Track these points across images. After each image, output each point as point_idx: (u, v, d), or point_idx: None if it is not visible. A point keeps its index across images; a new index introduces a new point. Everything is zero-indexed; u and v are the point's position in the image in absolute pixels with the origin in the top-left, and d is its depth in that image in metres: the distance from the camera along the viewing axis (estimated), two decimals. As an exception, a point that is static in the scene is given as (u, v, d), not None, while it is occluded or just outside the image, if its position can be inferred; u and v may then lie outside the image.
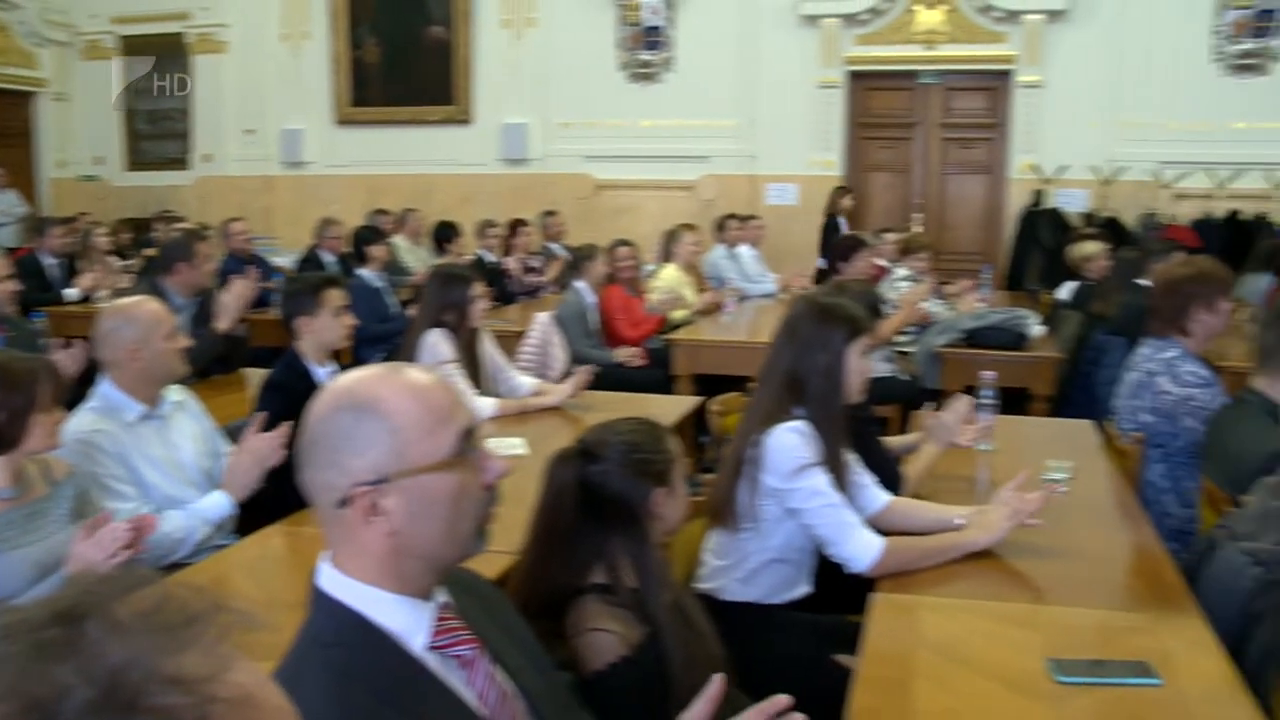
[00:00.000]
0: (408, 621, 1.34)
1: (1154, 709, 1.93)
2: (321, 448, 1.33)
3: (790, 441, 2.57)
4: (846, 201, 9.62)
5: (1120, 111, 9.55)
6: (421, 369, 1.42)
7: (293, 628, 1.35)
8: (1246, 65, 9.46)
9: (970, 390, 3.51)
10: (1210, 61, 9.53)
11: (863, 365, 2.69)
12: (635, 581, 2.00)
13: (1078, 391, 5.56)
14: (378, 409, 1.32)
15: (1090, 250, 6.77)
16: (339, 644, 1.31)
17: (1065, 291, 6.70)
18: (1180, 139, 9.46)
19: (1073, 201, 9.64)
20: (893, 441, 3.49)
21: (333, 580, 1.35)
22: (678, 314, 6.74)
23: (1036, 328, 5.65)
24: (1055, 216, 9.52)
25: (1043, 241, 9.29)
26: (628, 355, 6.12)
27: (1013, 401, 5.39)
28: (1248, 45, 9.43)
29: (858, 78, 10.14)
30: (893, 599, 2.36)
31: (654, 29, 10.45)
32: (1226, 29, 9.47)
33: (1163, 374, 3.61)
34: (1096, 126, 9.57)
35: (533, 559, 2.04)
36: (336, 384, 1.37)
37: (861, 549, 2.50)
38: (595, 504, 2.04)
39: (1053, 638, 2.17)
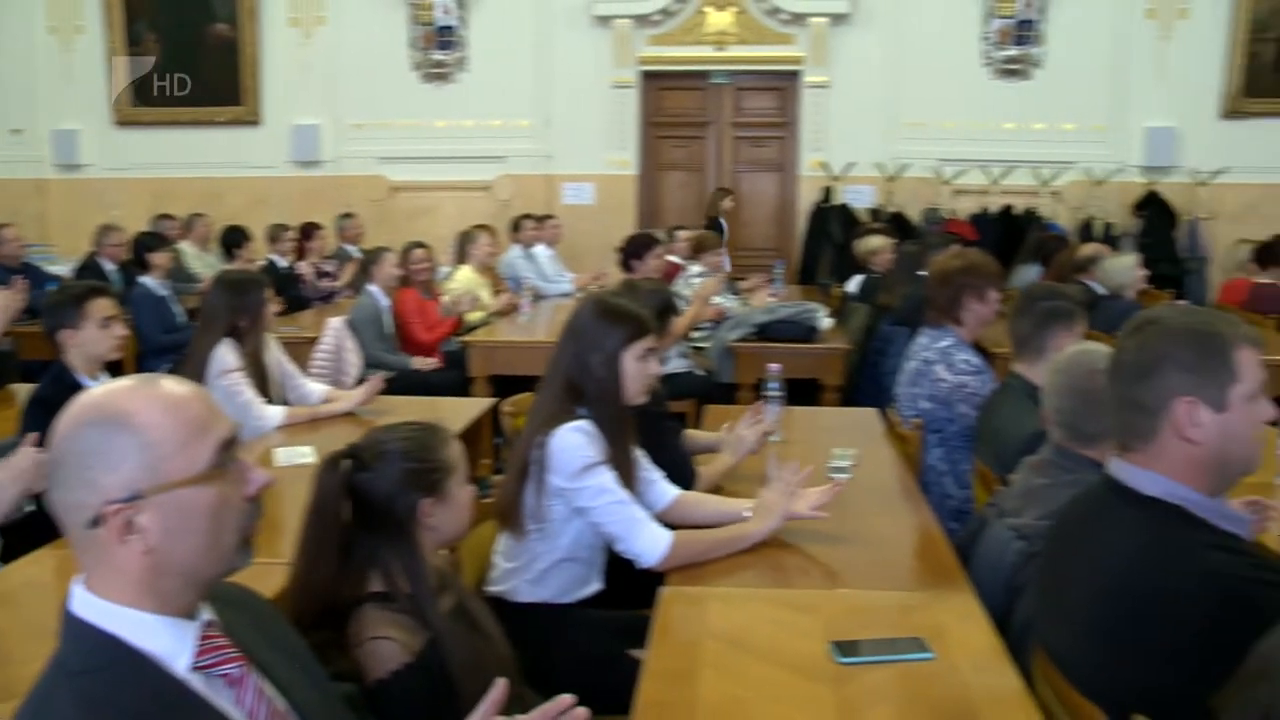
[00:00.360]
0: (169, 643, 1.29)
1: (928, 682, 2.01)
2: (69, 466, 1.27)
3: (574, 441, 2.57)
4: (727, 203, 9.78)
5: (902, 111, 9.98)
6: (176, 380, 1.36)
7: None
8: (1012, 70, 10.04)
9: (759, 384, 3.61)
10: (981, 66, 10.07)
11: (643, 366, 2.70)
12: (410, 589, 1.97)
13: (867, 381, 5.78)
14: (129, 423, 1.27)
15: (876, 244, 7.04)
16: (88, 671, 1.25)
17: (853, 285, 6.95)
18: (957, 138, 9.98)
19: (860, 197, 10.04)
20: (696, 436, 3.54)
21: (86, 604, 1.29)
22: (473, 316, 6.69)
23: (826, 320, 5.84)
24: (844, 212, 9.88)
25: (833, 236, 9.64)
26: (423, 363, 6.04)
27: (805, 392, 5.58)
28: (1012, 51, 10.01)
29: (651, 78, 10.27)
30: (681, 591, 2.40)
31: (447, 29, 10.33)
32: (993, 36, 10.02)
33: (938, 362, 3.79)
34: (880, 126, 9.97)
35: (302, 567, 1.98)
36: (84, 399, 1.31)
37: (650, 544, 2.53)
38: (363, 511, 2.00)
39: (836, 621, 2.24)
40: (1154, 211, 9.91)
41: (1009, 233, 9.55)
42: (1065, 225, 9.80)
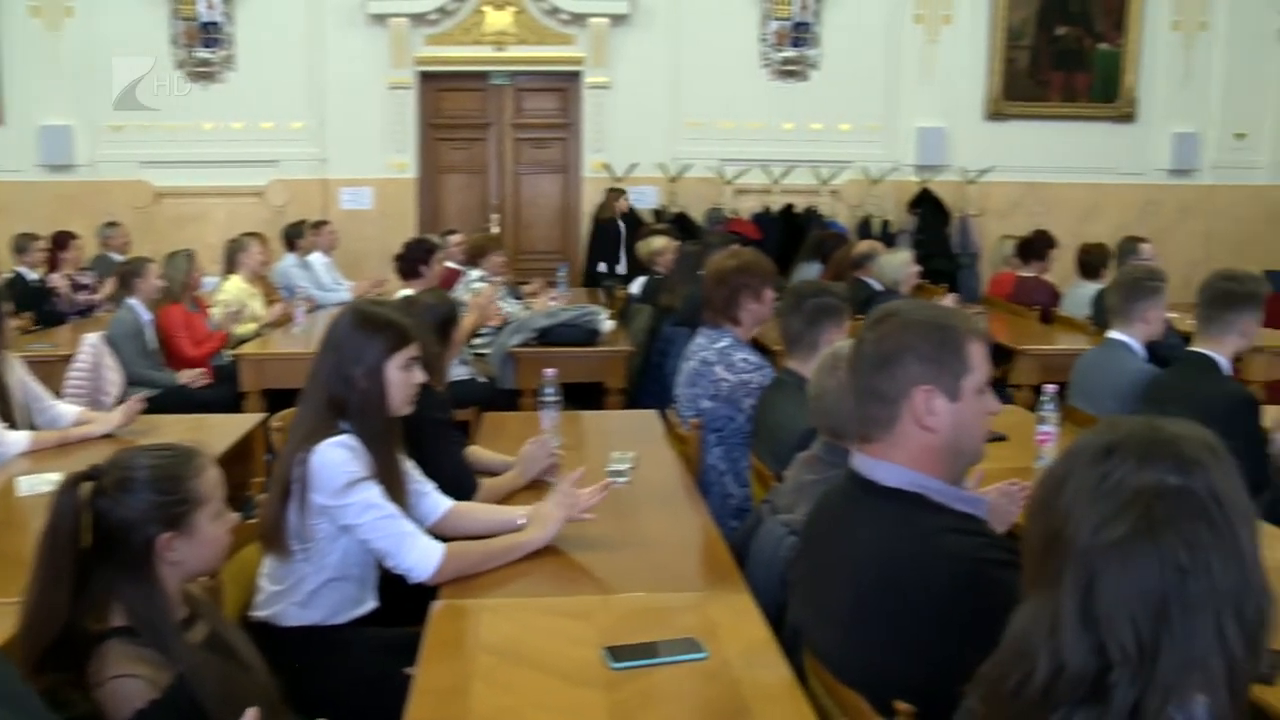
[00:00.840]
0: None
1: (700, 681, 2.05)
2: None
3: (336, 457, 2.51)
4: (623, 203, 9.73)
5: (683, 112, 10.19)
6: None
7: None
8: (790, 71, 10.40)
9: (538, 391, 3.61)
10: (760, 67, 10.39)
11: (407, 376, 2.67)
12: (151, 623, 1.88)
13: (651, 383, 5.86)
14: None
15: (659, 245, 7.15)
16: None
17: (636, 286, 7.04)
18: (738, 138, 10.27)
19: (643, 198, 10.19)
20: (482, 455, 3.49)
21: None
22: (244, 328, 6.46)
23: (608, 323, 5.89)
24: (629, 213, 10.00)
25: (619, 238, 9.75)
26: (191, 376, 5.79)
27: (589, 396, 5.62)
28: (790, 53, 10.36)
29: (429, 78, 10.15)
30: (452, 605, 2.37)
31: (211, 24, 9.92)
32: (771, 38, 10.35)
33: (717, 363, 3.88)
34: (661, 126, 10.15)
35: (34, 598, 1.86)
36: None
37: (421, 558, 2.49)
38: (101, 538, 1.90)
39: (610, 626, 2.26)
40: (927, 209, 10.44)
41: (791, 231, 9.88)
42: (845, 223, 10.21)
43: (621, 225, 9.77)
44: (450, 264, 6.92)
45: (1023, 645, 1.30)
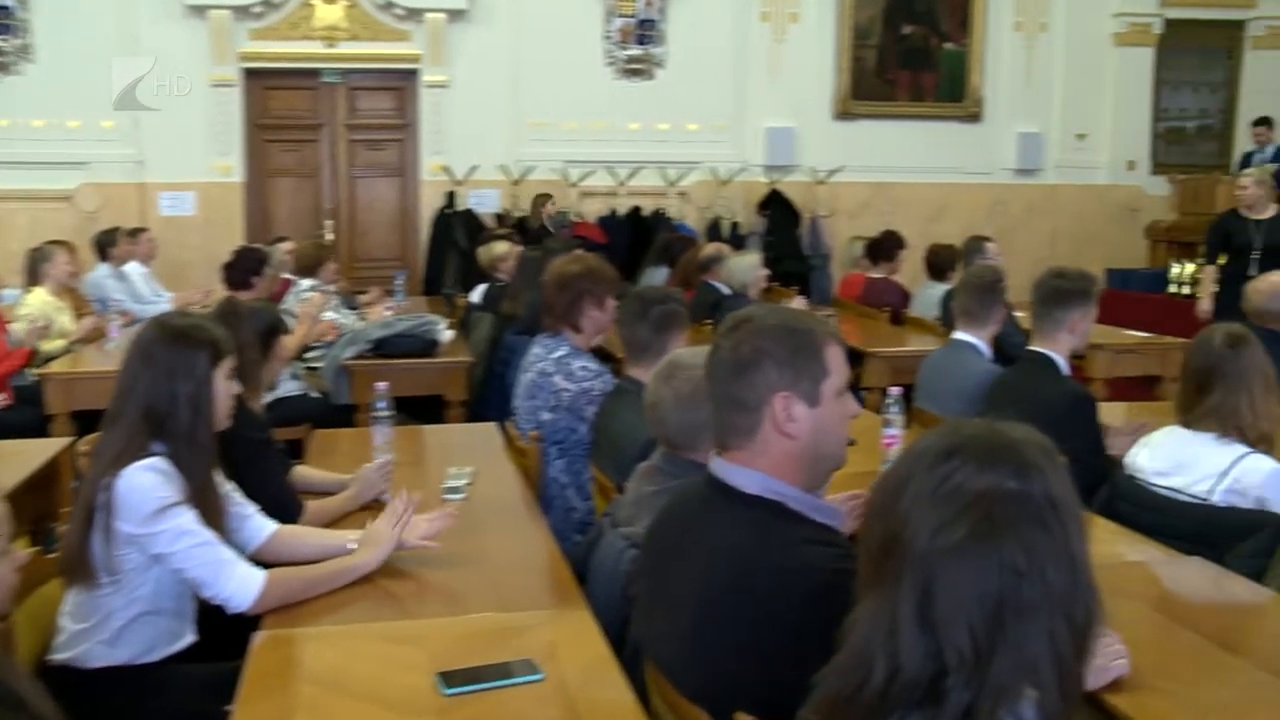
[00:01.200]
0: None
1: (537, 704, 2.05)
2: None
3: (146, 481, 2.43)
4: (551, 208, 9.60)
5: (525, 112, 10.18)
6: None
7: None
8: (636, 70, 10.49)
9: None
10: (604, 65, 10.46)
11: (229, 388, 2.63)
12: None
13: (494, 394, 5.82)
14: None
15: (501, 251, 7.13)
16: None
17: (477, 294, 7.00)
18: (582, 139, 10.31)
19: (485, 202, 10.15)
20: (310, 475, 3.42)
21: None
22: (51, 345, 6.19)
23: (447, 333, 5.85)
24: (469, 218, 9.96)
25: (458, 244, 9.68)
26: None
27: (429, 409, 5.57)
28: (635, 51, 10.46)
29: (255, 75, 9.91)
30: (275, 635, 2.32)
31: (3, 9, 9.46)
32: (615, 35, 10.44)
33: (556, 373, 3.89)
34: (503, 127, 10.13)
35: None
36: None
37: (240, 586, 2.43)
38: None
39: (445, 651, 2.25)
40: (777, 210, 10.65)
41: (638, 234, 9.97)
42: (694, 225, 10.36)
43: (550, 231, 9.76)
44: (281, 274, 6.78)
45: (860, 649, 1.34)
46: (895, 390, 3.50)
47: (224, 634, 2.61)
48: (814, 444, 1.96)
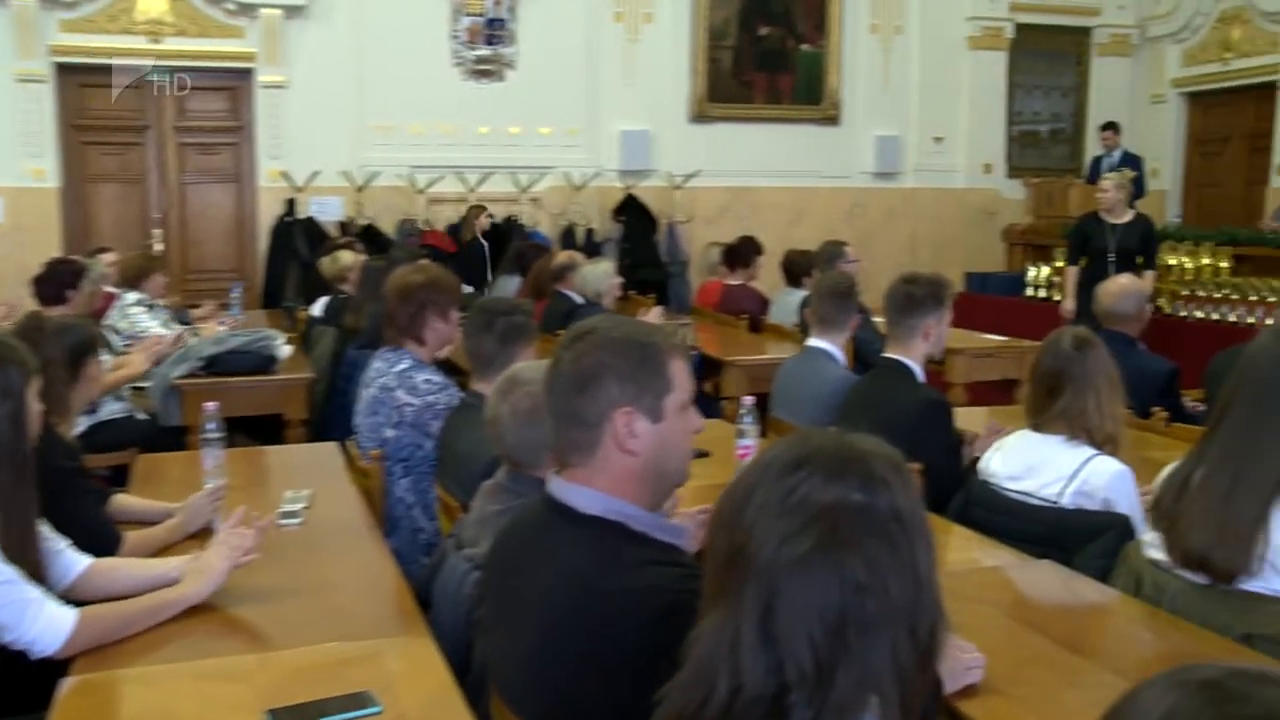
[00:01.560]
0: None
1: (372, 739, 2.02)
2: None
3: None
4: (484, 220, 9.50)
5: (369, 115, 10.06)
6: None
7: None
8: (485, 71, 10.46)
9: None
10: (452, 66, 10.40)
11: (37, 409, 2.53)
12: None
13: (337, 412, 5.72)
14: None
15: (347, 261, 7.02)
16: None
17: (319, 307, 6.88)
18: (430, 143, 10.24)
19: (327, 210, 9.99)
20: (130, 504, 3.30)
21: None
22: None
23: (285, 348, 5.72)
24: (311, 226, 9.79)
25: (299, 254, 9.50)
26: None
27: (269, 429, 5.45)
28: (484, 51, 10.42)
29: (68, 71, 9.56)
30: (86, 680, 2.23)
31: None
32: (463, 35, 10.38)
33: (398, 387, 3.85)
34: (346, 130, 9.98)
35: None
36: None
37: (48, 627, 2.32)
38: None
39: (275, 687, 2.19)
40: (633, 216, 10.73)
41: (490, 242, 9.90)
42: (547, 232, 10.38)
43: (484, 243, 9.67)
44: (105, 287, 6.55)
45: (703, 665, 1.35)
46: (748, 400, 3.55)
47: (24, 684, 2.49)
48: (656, 461, 1.97)
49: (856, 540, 1.31)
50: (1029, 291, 9.83)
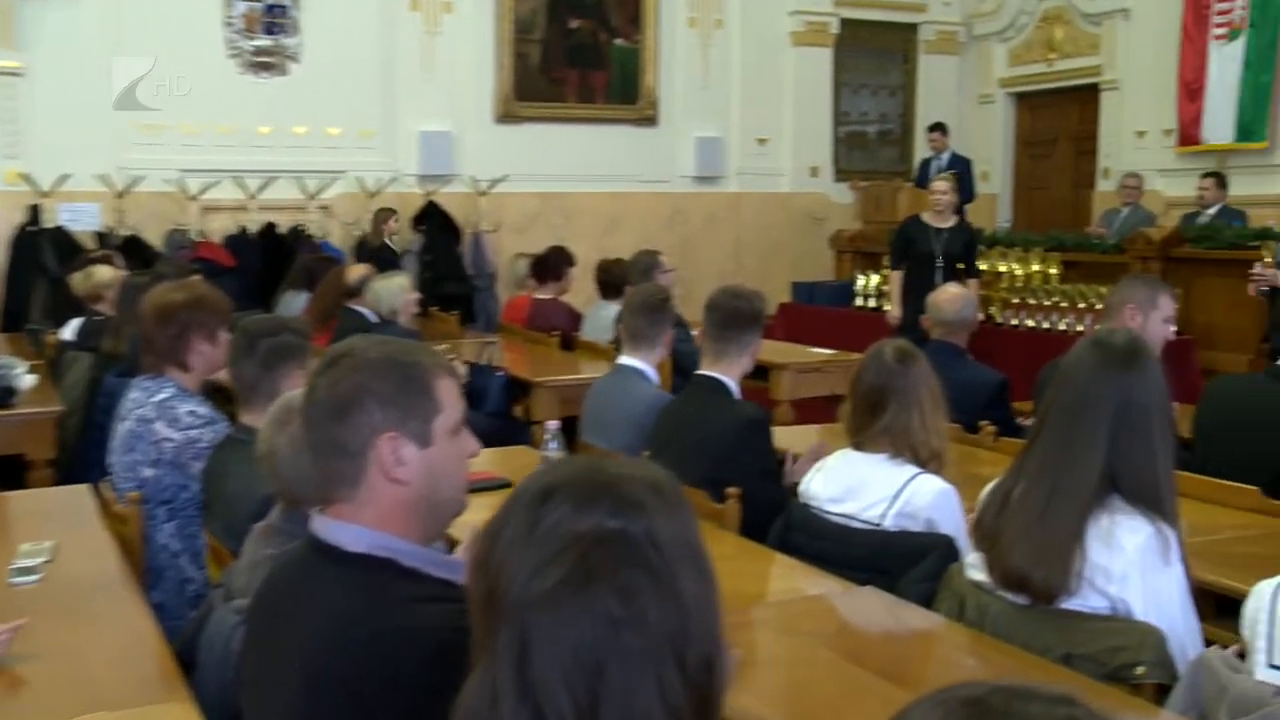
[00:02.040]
0: None
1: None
2: None
3: None
4: (394, 224, 9.49)
5: (130, 110, 9.67)
6: None
7: None
8: (265, 63, 10.25)
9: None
10: (227, 57, 10.17)
11: None
12: None
13: (94, 449, 5.49)
14: None
15: (104, 277, 6.76)
16: None
17: (71, 329, 6.62)
18: (203, 143, 9.97)
19: (81, 218, 9.60)
20: None
21: None
22: None
23: (28, 378, 5.49)
24: (60, 237, 9.41)
25: (47, 269, 9.12)
26: None
27: (10, 472, 5.20)
28: (264, 41, 10.21)
29: None
30: None
31: None
32: (238, 21, 10.16)
33: (158, 419, 3.72)
34: (102, 127, 9.60)
35: None
36: None
37: None
38: None
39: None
40: (435, 225, 10.65)
41: (274, 255, 9.72)
42: (339, 244, 10.21)
43: (396, 249, 9.51)
44: None
45: None
46: (553, 424, 3.55)
47: None
48: (428, 489, 1.95)
49: (609, 570, 1.31)
50: (858, 301, 10.04)
